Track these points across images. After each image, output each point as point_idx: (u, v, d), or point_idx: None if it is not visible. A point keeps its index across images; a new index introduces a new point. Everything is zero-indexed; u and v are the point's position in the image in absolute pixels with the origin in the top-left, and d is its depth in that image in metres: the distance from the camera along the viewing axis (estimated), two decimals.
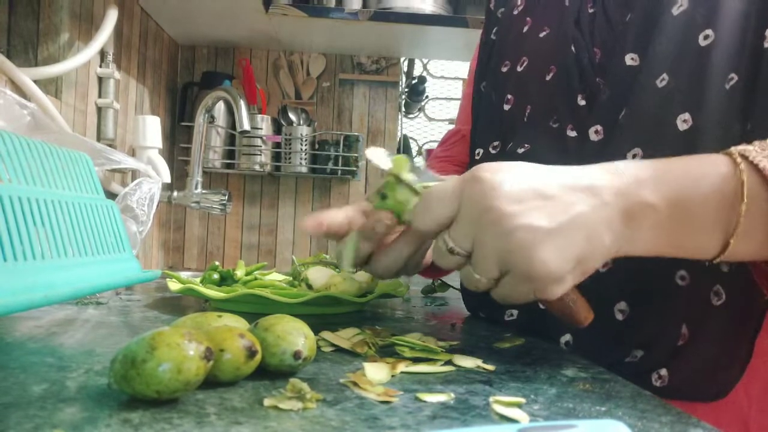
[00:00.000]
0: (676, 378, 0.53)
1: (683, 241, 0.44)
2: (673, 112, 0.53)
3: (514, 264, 0.40)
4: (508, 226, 0.39)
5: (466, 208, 0.41)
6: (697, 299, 0.53)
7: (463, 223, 0.42)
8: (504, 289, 0.43)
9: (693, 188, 0.42)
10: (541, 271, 0.40)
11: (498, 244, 0.40)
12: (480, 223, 0.40)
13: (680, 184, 0.42)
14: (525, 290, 0.42)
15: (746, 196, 0.41)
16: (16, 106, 0.80)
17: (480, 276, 0.42)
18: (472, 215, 0.41)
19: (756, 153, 0.42)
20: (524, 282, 0.41)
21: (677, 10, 0.55)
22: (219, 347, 0.36)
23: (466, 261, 0.43)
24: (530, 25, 0.68)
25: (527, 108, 0.64)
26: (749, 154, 0.42)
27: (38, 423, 0.30)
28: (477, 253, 0.42)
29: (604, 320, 0.55)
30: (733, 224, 0.42)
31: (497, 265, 0.41)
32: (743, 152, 0.43)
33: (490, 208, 0.40)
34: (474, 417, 0.33)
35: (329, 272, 0.71)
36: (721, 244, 0.43)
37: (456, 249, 0.42)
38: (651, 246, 0.44)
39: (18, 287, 0.44)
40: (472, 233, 0.41)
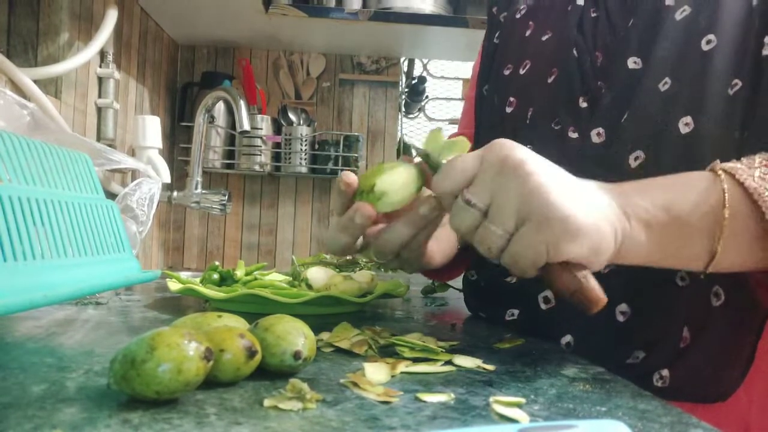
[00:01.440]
0: (678, 379, 0.53)
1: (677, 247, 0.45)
2: (674, 116, 0.54)
3: (532, 206, 0.40)
4: (528, 170, 0.41)
5: (487, 163, 0.42)
6: (697, 301, 0.53)
7: (484, 176, 0.42)
8: (517, 244, 0.42)
9: (677, 195, 0.44)
10: (558, 215, 0.40)
11: (518, 187, 0.41)
12: (500, 171, 0.41)
13: (665, 192, 0.44)
14: (538, 243, 0.41)
15: (728, 204, 0.43)
16: (16, 106, 0.80)
17: (496, 228, 0.42)
18: (493, 167, 0.42)
19: (742, 171, 0.44)
20: (539, 231, 0.40)
21: (680, 15, 0.56)
22: (219, 347, 0.36)
23: (482, 218, 0.43)
24: (533, 29, 0.68)
25: (529, 110, 0.64)
26: (735, 172, 0.44)
27: (38, 423, 0.30)
28: (495, 203, 0.42)
29: (606, 322, 0.55)
30: (718, 231, 0.43)
31: (515, 213, 0.41)
32: (730, 170, 0.44)
33: (510, 157, 0.41)
34: (474, 417, 0.33)
35: (329, 272, 0.71)
36: (710, 251, 0.44)
37: (474, 200, 0.42)
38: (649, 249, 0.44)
39: (18, 287, 0.44)
40: (491, 184, 0.42)
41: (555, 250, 0.41)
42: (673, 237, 0.44)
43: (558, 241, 0.40)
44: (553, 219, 0.40)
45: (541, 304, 0.59)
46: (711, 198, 0.43)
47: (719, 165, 0.45)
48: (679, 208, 0.43)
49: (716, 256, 0.44)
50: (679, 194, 0.44)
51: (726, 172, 0.44)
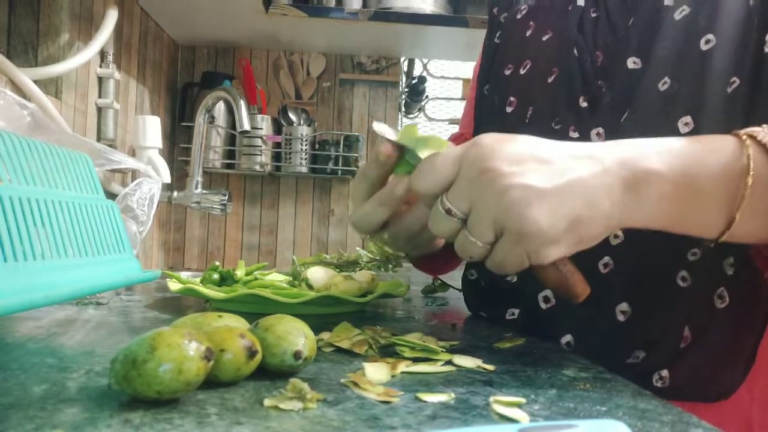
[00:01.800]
0: (678, 379, 0.53)
1: (688, 213, 0.44)
2: (674, 115, 0.54)
3: (508, 223, 0.40)
4: (504, 184, 0.40)
5: (465, 170, 0.42)
6: (699, 301, 0.53)
7: (462, 184, 0.42)
8: (498, 254, 0.42)
9: (700, 161, 0.43)
10: (533, 229, 0.40)
11: (493, 202, 0.40)
12: (478, 182, 0.41)
13: (687, 156, 0.43)
14: (518, 253, 0.41)
15: (752, 170, 0.42)
16: (16, 106, 0.80)
17: (475, 239, 0.42)
18: (471, 176, 0.41)
19: (764, 134, 0.43)
20: (517, 243, 0.41)
21: (679, 15, 0.56)
22: (219, 347, 0.36)
23: (462, 226, 0.43)
24: (533, 29, 0.68)
25: (529, 110, 0.64)
26: (757, 134, 0.43)
27: (39, 424, 0.30)
28: (473, 215, 0.42)
29: (606, 321, 0.55)
30: (738, 199, 0.42)
31: (492, 226, 0.41)
32: (751, 132, 0.43)
33: (487, 169, 0.41)
34: (474, 417, 0.33)
35: (329, 272, 0.71)
36: (726, 220, 0.43)
37: (453, 210, 0.42)
38: (655, 217, 0.43)
39: (18, 287, 0.44)
40: (469, 194, 0.42)
41: (535, 258, 0.42)
42: (687, 205, 0.43)
43: (537, 251, 0.41)
44: (528, 234, 0.40)
45: (542, 304, 0.59)
46: (734, 165, 0.42)
47: (742, 130, 0.44)
48: (697, 175, 0.42)
49: (733, 224, 0.43)
50: (701, 160, 0.43)
51: (749, 136, 0.43)
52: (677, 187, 0.42)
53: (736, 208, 0.42)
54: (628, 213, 0.43)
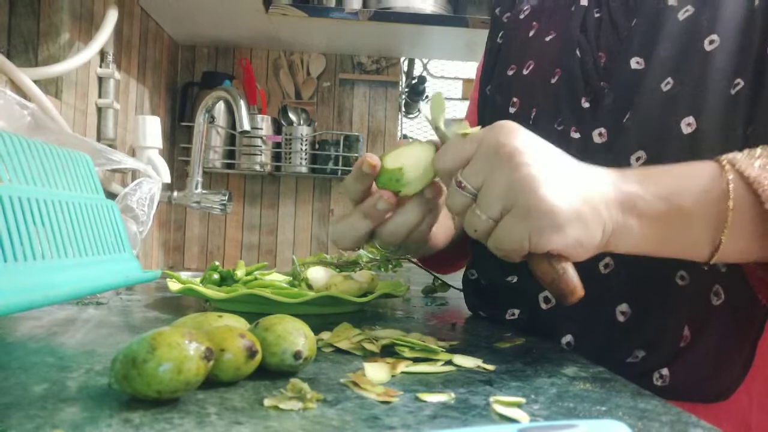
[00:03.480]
0: (678, 378, 0.53)
1: (675, 237, 0.45)
2: (677, 116, 0.54)
3: (518, 196, 0.41)
4: (519, 161, 0.41)
5: (483, 148, 0.43)
6: (697, 300, 0.53)
7: (478, 160, 0.43)
8: (501, 230, 0.43)
9: (680, 185, 0.44)
10: (544, 206, 0.40)
11: (506, 176, 0.41)
12: (494, 157, 0.42)
13: (667, 182, 0.44)
14: (521, 231, 0.41)
15: (732, 194, 0.43)
16: (16, 106, 0.80)
17: (482, 212, 0.43)
18: (488, 153, 0.43)
19: (743, 161, 0.44)
20: (524, 219, 0.41)
21: (683, 15, 0.56)
22: (219, 347, 0.36)
23: (472, 201, 0.44)
24: (536, 30, 0.68)
25: (532, 111, 0.64)
26: (736, 162, 0.44)
27: (39, 423, 0.30)
28: (485, 188, 0.43)
29: (606, 322, 0.56)
30: (722, 220, 0.43)
31: (501, 200, 0.42)
32: (731, 160, 0.44)
33: (505, 144, 0.42)
34: (474, 417, 0.33)
35: (329, 272, 0.71)
36: (712, 242, 0.44)
37: (465, 183, 0.44)
38: (643, 242, 0.44)
39: (18, 287, 0.44)
40: (484, 170, 0.43)
41: (537, 241, 0.42)
42: (671, 228, 0.44)
43: (541, 232, 0.41)
44: (537, 210, 0.40)
45: (542, 304, 0.59)
46: (714, 189, 0.43)
47: (723, 156, 0.45)
48: (680, 199, 0.43)
49: (720, 247, 0.44)
50: (681, 184, 0.44)
51: (729, 162, 0.44)
52: (660, 210, 0.43)
53: (721, 231, 0.43)
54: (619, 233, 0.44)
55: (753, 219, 0.43)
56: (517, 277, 0.63)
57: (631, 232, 0.44)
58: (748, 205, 0.43)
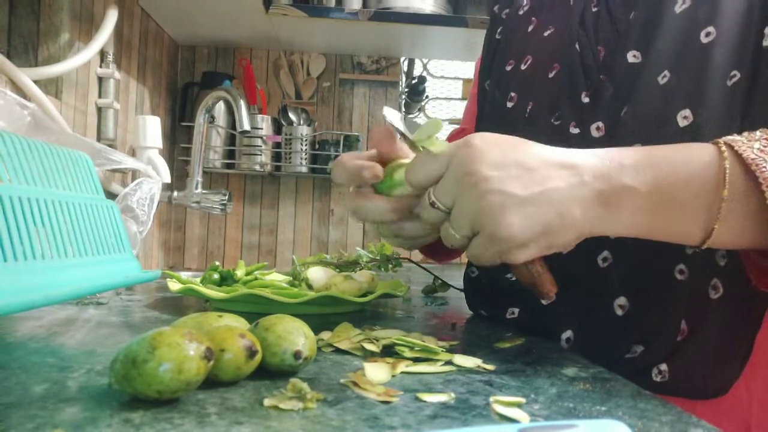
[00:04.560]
0: (677, 374, 0.53)
1: (665, 225, 0.45)
2: (674, 109, 0.54)
3: (484, 225, 0.43)
4: (484, 189, 0.43)
5: (452, 169, 0.45)
6: (695, 294, 0.53)
7: (448, 181, 0.45)
8: (474, 248, 0.46)
9: (675, 174, 0.44)
10: (506, 234, 0.43)
11: (473, 204, 0.43)
12: (461, 183, 0.44)
13: (663, 170, 0.44)
14: (491, 252, 0.44)
15: (728, 182, 0.43)
16: (16, 106, 0.80)
17: (455, 231, 0.45)
18: (456, 175, 0.44)
19: (742, 143, 0.44)
20: (490, 243, 0.44)
21: (679, 8, 0.56)
22: (219, 347, 0.36)
23: (446, 217, 0.46)
24: (535, 25, 0.68)
25: (530, 105, 0.64)
26: (735, 144, 0.44)
27: (39, 423, 0.30)
28: (455, 210, 0.45)
29: (604, 316, 0.56)
30: (715, 210, 0.43)
31: (470, 224, 0.44)
32: (730, 142, 0.44)
33: (471, 172, 0.43)
34: (474, 417, 0.33)
35: (329, 272, 0.71)
36: (705, 229, 0.44)
37: (437, 203, 0.46)
38: (632, 229, 0.45)
39: (18, 287, 0.44)
40: (453, 192, 0.44)
41: (506, 258, 0.45)
42: (663, 218, 0.44)
43: (508, 252, 0.44)
44: (500, 237, 0.43)
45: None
46: (710, 178, 0.43)
47: (723, 138, 0.45)
48: (674, 190, 0.44)
49: (713, 234, 0.44)
50: (678, 174, 0.44)
51: (727, 145, 0.44)
52: (652, 201, 0.44)
53: (714, 219, 0.44)
54: (600, 224, 0.44)
55: (748, 204, 0.43)
56: (515, 276, 0.63)
57: (616, 222, 0.45)
58: (745, 191, 0.43)
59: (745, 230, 0.44)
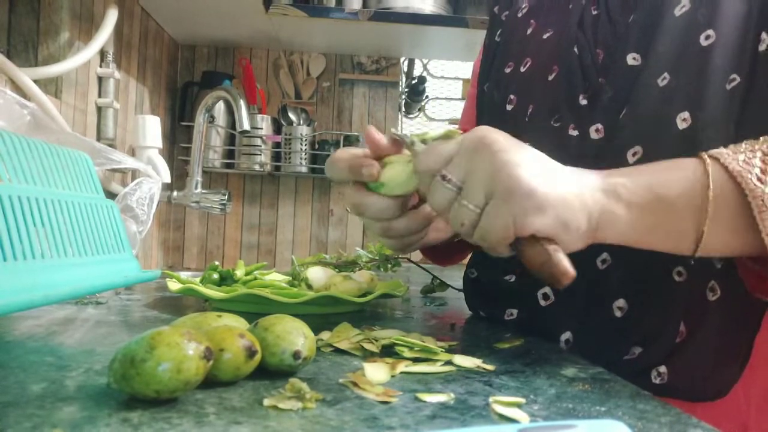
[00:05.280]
0: (676, 376, 0.53)
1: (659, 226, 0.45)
2: (673, 111, 0.54)
3: (499, 179, 0.42)
4: (498, 148, 0.43)
5: (465, 144, 0.45)
6: (694, 296, 0.53)
7: (460, 155, 0.45)
8: (486, 218, 0.44)
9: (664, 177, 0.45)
10: (523, 187, 0.42)
11: (488, 164, 0.43)
12: (475, 150, 0.44)
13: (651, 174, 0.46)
14: (505, 217, 0.42)
15: (712, 189, 0.44)
16: (16, 106, 0.80)
17: (468, 203, 0.44)
18: (469, 147, 0.45)
19: (727, 155, 0.45)
20: (505, 202, 0.42)
21: (679, 11, 0.56)
22: (219, 347, 0.36)
23: (457, 195, 0.45)
24: (534, 27, 0.68)
25: (529, 107, 0.64)
26: (720, 156, 0.45)
27: (37, 422, 0.30)
28: (468, 179, 0.44)
29: (603, 318, 0.56)
30: (703, 212, 0.44)
31: (484, 186, 0.43)
32: (715, 155, 0.45)
33: (485, 137, 0.44)
34: (474, 417, 0.33)
35: (329, 272, 0.71)
36: (695, 234, 0.45)
37: (449, 176, 0.45)
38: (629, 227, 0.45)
39: (18, 287, 0.44)
40: (466, 163, 0.44)
41: (521, 223, 0.42)
42: (655, 216, 0.45)
43: (524, 213, 0.42)
44: (517, 192, 0.42)
45: (540, 301, 0.59)
46: (696, 180, 0.44)
47: (708, 152, 0.46)
48: (662, 188, 0.45)
49: (703, 238, 0.44)
50: (665, 177, 0.45)
51: (711, 157, 0.45)
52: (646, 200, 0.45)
53: (703, 222, 0.44)
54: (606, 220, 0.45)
55: (735, 211, 0.44)
56: (515, 276, 0.63)
57: (618, 219, 0.45)
58: (731, 198, 0.44)
59: (733, 239, 0.45)
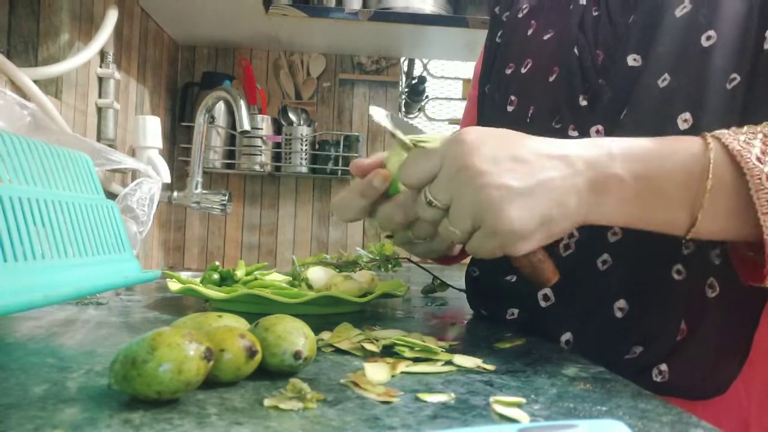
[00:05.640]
0: (677, 373, 0.53)
1: (649, 213, 0.46)
2: (673, 112, 0.54)
3: (484, 219, 0.43)
4: (481, 183, 0.43)
5: (447, 166, 0.44)
6: (693, 294, 0.53)
7: (443, 178, 0.45)
8: (475, 242, 0.45)
9: (661, 165, 0.45)
10: (508, 227, 0.43)
11: (471, 199, 0.43)
12: (457, 179, 0.44)
13: (649, 161, 0.45)
14: (492, 245, 0.45)
15: (711, 173, 0.43)
16: (16, 106, 0.80)
17: (454, 228, 0.45)
18: (451, 172, 0.44)
19: (729, 135, 0.45)
20: (492, 237, 0.44)
21: (680, 12, 0.56)
22: (219, 347, 0.36)
23: (444, 214, 0.46)
24: (535, 28, 0.68)
25: (530, 109, 0.64)
26: (722, 137, 0.45)
27: (39, 424, 0.30)
28: (453, 207, 0.45)
29: (604, 318, 0.56)
30: (699, 201, 0.44)
31: (470, 220, 0.44)
32: (717, 135, 0.45)
33: (466, 166, 0.43)
34: (474, 417, 0.33)
35: (329, 272, 0.71)
36: (689, 219, 0.45)
37: (434, 202, 0.45)
38: (619, 216, 0.46)
39: (18, 287, 0.44)
40: (450, 189, 0.44)
41: (508, 250, 0.45)
42: (648, 206, 0.45)
43: (510, 245, 0.44)
44: (501, 231, 0.43)
45: (541, 302, 0.59)
46: (695, 169, 0.44)
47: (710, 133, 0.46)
48: (659, 180, 0.45)
49: (696, 222, 0.44)
50: (663, 165, 0.45)
51: (714, 138, 0.45)
52: (638, 190, 0.45)
53: (698, 209, 0.44)
54: (592, 212, 0.45)
55: (732, 194, 0.44)
56: (516, 276, 0.63)
57: (604, 208, 0.45)
58: (729, 180, 0.44)
59: (730, 219, 0.45)
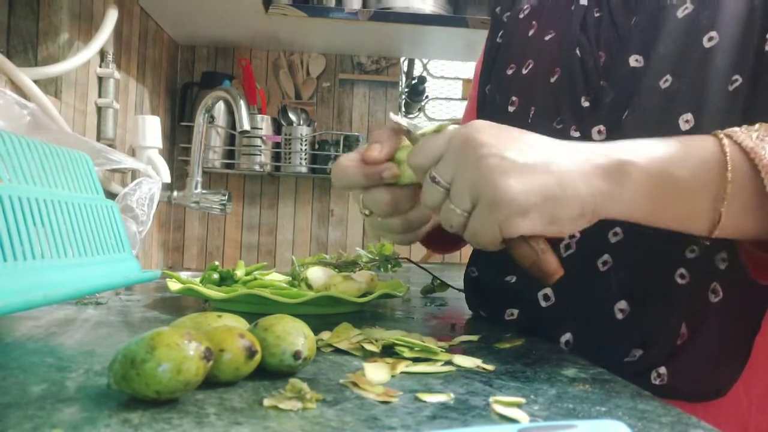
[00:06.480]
0: (676, 376, 0.53)
1: (667, 207, 0.45)
2: (675, 113, 0.54)
3: (483, 189, 0.42)
4: (482, 153, 0.42)
5: (453, 142, 0.45)
6: (696, 298, 0.53)
7: (448, 156, 0.45)
8: (474, 222, 0.44)
9: (679, 155, 0.44)
10: (505, 197, 0.41)
11: (471, 169, 0.43)
12: (460, 152, 0.44)
13: (665, 153, 0.44)
14: (491, 222, 0.43)
15: (730, 164, 0.43)
16: (16, 106, 0.80)
17: (455, 206, 0.44)
18: (456, 147, 0.44)
19: (741, 133, 0.44)
20: (490, 210, 0.42)
21: (682, 13, 0.56)
22: (219, 347, 0.36)
23: (446, 196, 0.45)
24: (536, 29, 0.68)
25: (531, 109, 0.64)
26: (733, 134, 0.44)
27: (37, 423, 0.30)
28: (455, 182, 0.44)
29: (604, 319, 0.56)
30: (721, 193, 0.43)
31: (469, 193, 0.43)
32: (729, 133, 0.45)
33: (471, 138, 0.43)
34: (474, 417, 0.33)
35: (329, 272, 0.71)
36: (712, 215, 0.44)
37: (437, 178, 0.45)
38: (636, 210, 0.44)
39: (18, 287, 0.44)
40: (453, 164, 0.44)
41: (507, 228, 0.43)
42: (666, 197, 0.44)
43: (508, 220, 0.42)
44: (500, 200, 0.42)
45: (541, 302, 0.59)
46: (712, 160, 0.44)
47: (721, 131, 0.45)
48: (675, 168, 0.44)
49: (721, 219, 0.44)
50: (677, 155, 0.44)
51: (726, 136, 0.45)
52: (654, 179, 0.43)
53: (721, 203, 0.43)
54: (604, 202, 0.43)
55: (750, 191, 0.43)
56: (515, 277, 0.63)
57: (620, 199, 0.44)
58: (746, 177, 0.43)
59: (747, 218, 0.44)
